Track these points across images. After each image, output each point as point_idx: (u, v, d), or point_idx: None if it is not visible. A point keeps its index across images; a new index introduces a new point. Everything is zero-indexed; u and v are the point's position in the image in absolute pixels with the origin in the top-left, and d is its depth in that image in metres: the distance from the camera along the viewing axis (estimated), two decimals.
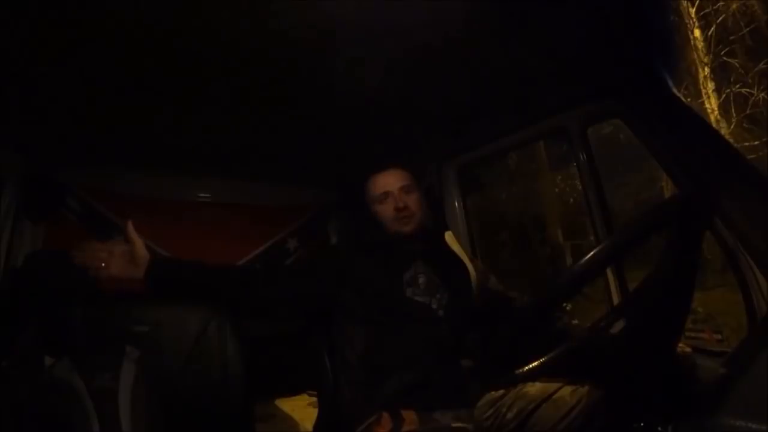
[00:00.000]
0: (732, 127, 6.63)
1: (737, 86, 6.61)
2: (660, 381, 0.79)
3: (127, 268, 1.13)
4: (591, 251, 0.73)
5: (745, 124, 6.65)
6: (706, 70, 6.76)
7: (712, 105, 6.73)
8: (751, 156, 5.90)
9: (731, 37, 6.52)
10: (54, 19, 0.96)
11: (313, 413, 1.50)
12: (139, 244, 1.15)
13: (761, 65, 6.36)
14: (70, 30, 1.00)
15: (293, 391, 2.28)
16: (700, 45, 6.74)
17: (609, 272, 1.45)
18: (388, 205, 1.32)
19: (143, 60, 1.13)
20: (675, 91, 1.25)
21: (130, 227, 1.16)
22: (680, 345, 0.93)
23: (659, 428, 0.77)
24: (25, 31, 1.00)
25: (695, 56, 6.66)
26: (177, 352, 1.32)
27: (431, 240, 1.38)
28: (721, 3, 6.40)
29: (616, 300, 1.44)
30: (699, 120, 1.23)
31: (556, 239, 7.00)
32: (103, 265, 1.11)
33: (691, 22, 6.42)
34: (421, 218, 1.33)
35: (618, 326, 0.84)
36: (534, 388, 1.02)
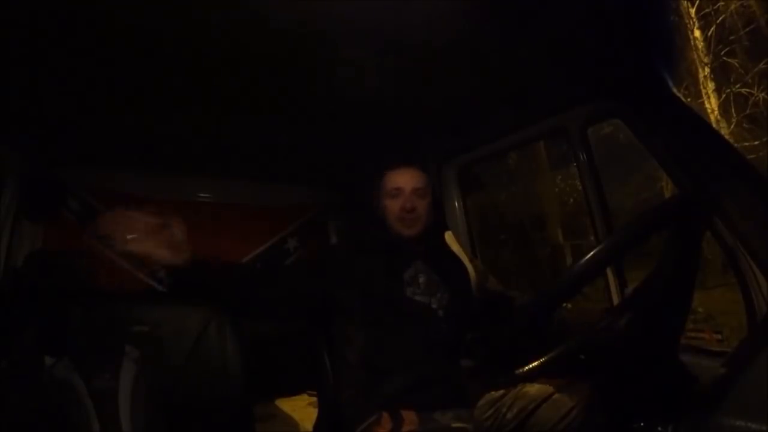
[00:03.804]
0: (732, 127, 6.63)
1: (737, 86, 6.60)
2: (660, 380, 0.79)
3: (167, 252, 1.05)
4: (591, 251, 0.73)
5: (745, 124, 6.65)
6: (706, 70, 6.75)
7: (712, 105, 6.72)
8: (751, 156, 5.89)
9: (731, 37, 6.52)
10: (54, 19, 0.96)
11: (313, 413, 1.50)
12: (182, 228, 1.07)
13: (761, 65, 6.36)
14: (71, 30, 1.00)
15: (293, 391, 2.28)
16: (700, 45, 6.73)
17: (609, 272, 1.44)
18: (397, 202, 1.30)
19: (143, 60, 1.13)
20: (675, 91, 1.25)
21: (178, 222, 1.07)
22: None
23: (659, 428, 0.77)
24: (25, 31, 1.00)
25: (695, 56, 6.65)
26: (177, 352, 1.32)
27: (431, 240, 1.37)
28: (721, 3, 6.40)
29: (616, 300, 1.44)
30: (699, 120, 1.23)
31: (556, 239, 6.99)
32: (135, 237, 1.00)
33: (691, 22, 6.41)
34: (426, 223, 1.32)
35: (618, 326, 0.84)
36: (534, 388, 1.02)
